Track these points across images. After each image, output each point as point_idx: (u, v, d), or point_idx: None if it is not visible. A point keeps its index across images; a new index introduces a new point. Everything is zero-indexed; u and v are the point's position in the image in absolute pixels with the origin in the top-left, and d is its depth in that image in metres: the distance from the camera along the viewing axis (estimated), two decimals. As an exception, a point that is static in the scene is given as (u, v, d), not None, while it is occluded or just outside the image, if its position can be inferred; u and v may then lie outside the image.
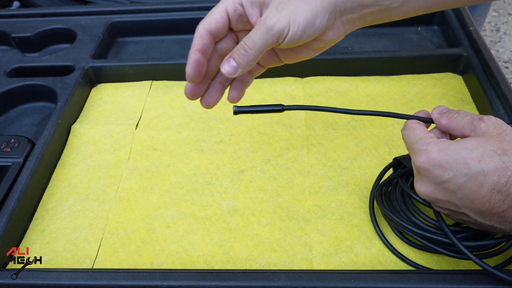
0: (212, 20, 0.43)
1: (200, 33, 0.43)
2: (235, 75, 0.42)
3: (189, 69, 0.43)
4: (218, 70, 0.46)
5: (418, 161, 0.39)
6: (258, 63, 0.48)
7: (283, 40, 0.41)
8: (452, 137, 0.42)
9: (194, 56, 0.43)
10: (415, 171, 0.41)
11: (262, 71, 0.49)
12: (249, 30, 0.45)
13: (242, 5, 0.43)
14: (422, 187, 0.40)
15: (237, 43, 0.47)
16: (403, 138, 0.43)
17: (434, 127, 0.43)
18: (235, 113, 0.45)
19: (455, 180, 0.37)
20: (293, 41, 0.41)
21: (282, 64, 0.48)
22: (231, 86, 0.47)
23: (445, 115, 0.42)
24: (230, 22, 0.44)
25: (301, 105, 0.45)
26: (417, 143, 0.40)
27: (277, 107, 0.45)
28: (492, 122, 0.38)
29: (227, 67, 0.42)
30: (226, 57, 0.43)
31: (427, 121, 0.43)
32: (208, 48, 0.44)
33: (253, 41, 0.41)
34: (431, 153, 0.38)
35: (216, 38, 0.45)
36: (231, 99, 0.47)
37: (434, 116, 0.43)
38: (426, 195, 0.40)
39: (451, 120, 0.41)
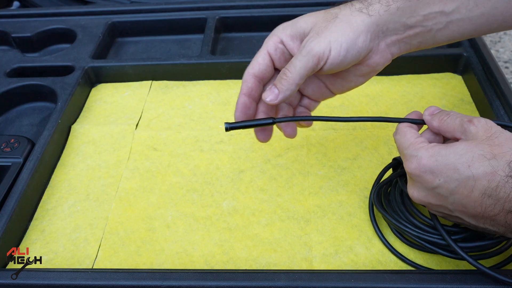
0: (255, 64, 0.44)
1: (246, 78, 0.44)
2: (276, 101, 0.43)
3: (237, 113, 0.45)
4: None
5: (409, 167, 0.39)
6: (310, 98, 0.49)
7: (325, 62, 0.41)
8: (444, 138, 0.42)
9: (241, 100, 0.44)
10: (408, 176, 0.41)
11: (317, 105, 0.50)
12: (314, 86, 0.47)
13: (282, 43, 0.44)
14: (415, 192, 0.40)
15: (302, 95, 0.48)
16: (395, 142, 0.43)
17: (427, 129, 0.43)
18: (227, 129, 0.45)
19: (446, 186, 0.37)
20: (336, 63, 0.41)
21: (334, 95, 0.48)
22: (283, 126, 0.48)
23: (436, 117, 0.42)
24: (273, 62, 0.45)
25: (292, 117, 0.46)
26: (407, 149, 0.40)
27: (268, 121, 0.45)
28: (481, 125, 0.38)
29: (268, 93, 0.43)
30: (268, 86, 0.44)
31: (419, 122, 0.43)
32: (254, 91, 0.45)
33: (293, 64, 0.41)
34: (422, 159, 0.38)
35: (262, 80, 0.45)
36: (287, 136, 0.48)
37: (426, 118, 0.43)
38: (419, 200, 0.40)
39: (441, 122, 0.41)
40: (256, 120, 0.45)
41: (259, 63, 0.44)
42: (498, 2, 0.43)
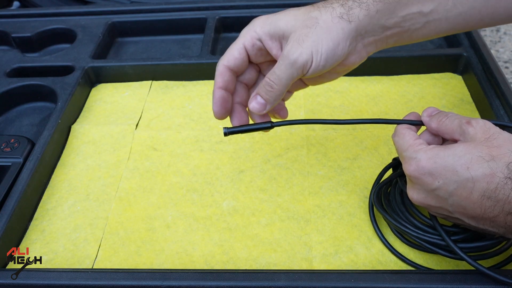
0: (230, 57, 0.44)
1: (221, 70, 0.44)
2: (264, 112, 0.43)
3: (215, 107, 0.44)
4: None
5: (408, 170, 0.39)
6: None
7: (307, 71, 0.41)
8: (443, 139, 0.42)
9: (217, 94, 0.44)
10: (407, 178, 0.41)
11: (290, 96, 0.49)
12: (270, 62, 0.46)
13: (260, 40, 0.43)
14: (414, 194, 0.40)
15: (259, 72, 0.48)
16: (394, 144, 0.43)
17: (425, 130, 0.43)
18: (225, 134, 0.45)
19: (445, 188, 0.37)
20: (317, 71, 0.41)
21: (307, 87, 0.48)
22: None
23: (435, 118, 0.42)
24: (249, 56, 0.44)
25: (290, 120, 0.45)
26: (406, 151, 0.40)
27: (266, 125, 0.45)
28: (480, 126, 0.38)
29: (255, 104, 0.43)
30: (253, 94, 0.44)
31: (418, 124, 0.43)
32: (230, 84, 0.44)
33: (278, 76, 0.41)
34: (421, 161, 0.38)
35: (237, 73, 0.45)
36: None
37: (424, 119, 0.43)
38: (419, 201, 0.40)
39: (440, 123, 0.41)
40: (255, 125, 0.45)
41: (235, 57, 0.43)
42: (476, 1, 0.43)
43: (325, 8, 0.41)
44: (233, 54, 0.43)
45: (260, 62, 0.46)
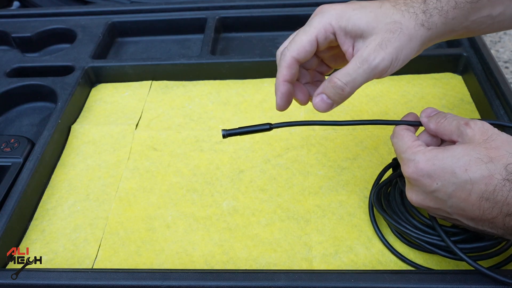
0: (301, 49, 0.41)
1: (289, 62, 0.41)
2: (328, 111, 0.42)
3: (280, 101, 0.43)
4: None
5: (406, 171, 0.39)
6: (327, 65, 0.47)
7: (382, 76, 0.41)
8: (442, 140, 0.42)
9: (283, 88, 0.42)
10: (406, 180, 0.41)
11: (330, 71, 0.48)
12: (334, 54, 0.44)
13: (334, 34, 0.41)
14: (413, 196, 0.40)
15: (321, 60, 0.46)
16: (393, 145, 0.42)
17: (424, 131, 0.43)
18: (224, 136, 0.44)
19: (444, 189, 0.37)
20: (388, 72, 0.41)
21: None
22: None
23: (433, 119, 0.42)
24: (318, 48, 0.42)
25: (288, 122, 0.45)
26: (405, 153, 0.40)
27: (265, 127, 0.45)
28: (478, 127, 0.37)
29: (321, 103, 0.42)
30: (317, 91, 0.42)
31: (416, 124, 0.43)
32: (295, 76, 0.42)
33: (353, 79, 0.40)
34: (419, 163, 0.38)
35: (302, 64, 0.43)
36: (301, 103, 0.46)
37: (423, 120, 0.42)
38: (418, 203, 0.40)
39: (439, 125, 0.41)
40: (253, 126, 0.45)
41: (306, 49, 0.41)
42: None
43: (408, 13, 0.40)
44: (304, 46, 0.40)
45: (323, 51, 0.44)
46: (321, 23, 0.40)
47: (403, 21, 0.40)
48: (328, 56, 0.46)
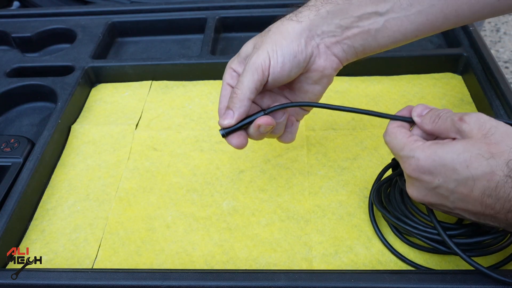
0: (223, 99, 0.46)
1: (222, 112, 0.45)
2: (233, 122, 0.43)
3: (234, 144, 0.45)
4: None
5: (407, 169, 0.39)
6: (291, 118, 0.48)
7: (268, 72, 0.42)
8: (439, 138, 0.41)
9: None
10: (406, 176, 0.41)
11: (296, 125, 0.49)
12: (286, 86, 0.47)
13: (234, 71, 0.46)
14: (414, 192, 0.40)
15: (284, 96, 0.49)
16: (386, 144, 0.42)
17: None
18: (224, 136, 0.45)
19: (445, 186, 0.37)
20: (278, 71, 0.42)
21: (308, 112, 0.50)
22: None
23: (428, 120, 0.41)
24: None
25: (282, 104, 0.45)
26: (403, 150, 0.39)
27: (259, 114, 0.44)
28: (473, 122, 0.37)
29: (224, 117, 0.44)
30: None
31: (410, 121, 0.42)
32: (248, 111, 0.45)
33: (240, 82, 0.43)
34: (419, 160, 0.37)
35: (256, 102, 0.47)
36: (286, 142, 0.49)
37: (416, 120, 0.42)
38: (419, 199, 0.40)
39: (434, 125, 0.40)
40: (248, 117, 0.45)
41: (225, 97, 0.45)
42: None
43: (277, 19, 0.45)
44: (224, 95, 0.46)
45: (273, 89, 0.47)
46: (225, 73, 0.47)
47: (271, 26, 0.44)
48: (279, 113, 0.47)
